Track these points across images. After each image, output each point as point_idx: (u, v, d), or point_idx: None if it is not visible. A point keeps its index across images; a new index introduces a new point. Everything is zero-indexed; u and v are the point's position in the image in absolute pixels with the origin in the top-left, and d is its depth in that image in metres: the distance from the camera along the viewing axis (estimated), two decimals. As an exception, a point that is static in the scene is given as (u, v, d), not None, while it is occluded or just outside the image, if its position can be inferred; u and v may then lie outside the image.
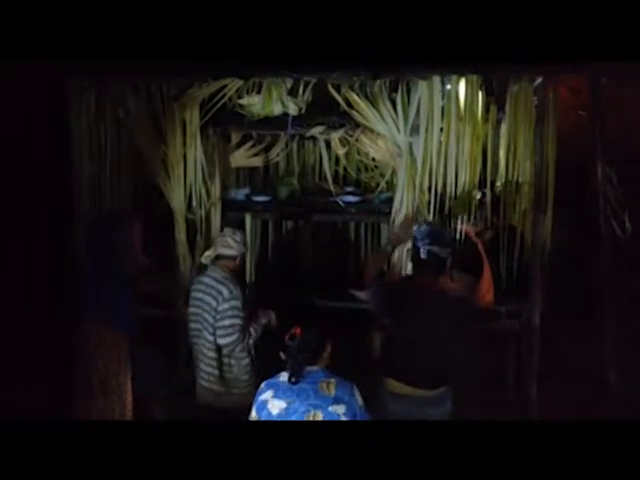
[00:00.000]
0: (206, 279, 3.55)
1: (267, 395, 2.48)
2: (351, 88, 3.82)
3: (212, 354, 3.50)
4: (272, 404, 2.43)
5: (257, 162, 4.85)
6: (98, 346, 3.70)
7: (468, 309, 3.31)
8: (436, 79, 3.71)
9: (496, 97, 3.97)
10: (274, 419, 2.42)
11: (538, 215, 3.83)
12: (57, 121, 4.06)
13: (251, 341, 3.51)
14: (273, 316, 3.62)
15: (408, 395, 3.07)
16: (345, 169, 5.16)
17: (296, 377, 2.46)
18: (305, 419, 2.38)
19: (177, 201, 4.10)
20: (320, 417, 2.38)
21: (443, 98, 3.83)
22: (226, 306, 3.40)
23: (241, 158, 4.69)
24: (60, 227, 4.16)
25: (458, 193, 3.96)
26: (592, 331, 3.43)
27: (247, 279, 5.14)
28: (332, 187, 4.77)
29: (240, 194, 4.91)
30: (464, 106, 3.91)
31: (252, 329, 3.53)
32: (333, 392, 2.43)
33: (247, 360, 3.52)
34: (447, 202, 3.96)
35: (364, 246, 5.47)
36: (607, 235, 3.13)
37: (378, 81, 3.76)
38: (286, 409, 2.40)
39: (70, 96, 4.00)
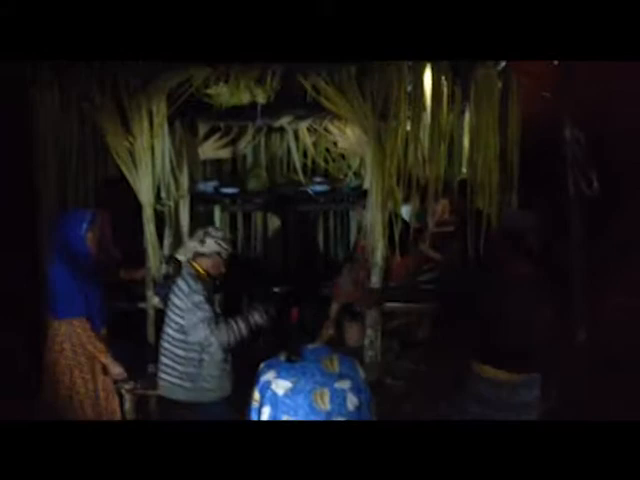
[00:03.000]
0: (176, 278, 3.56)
1: (269, 375, 2.46)
2: (319, 75, 3.83)
3: (180, 352, 3.46)
4: (276, 384, 2.42)
5: (225, 154, 4.84)
6: (66, 341, 3.67)
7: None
8: (404, 65, 3.76)
9: (461, 84, 4.04)
10: (280, 399, 2.41)
11: (505, 197, 3.93)
12: (19, 118, 4.00)
13: (232, 337, 3.35)
14: (257, 315, 3.40)
15: (503, 380, 3.02)
16: (313, 161, 5.18)
17: (296, 356, 2.46)
18: (312, 397, 2.38)
19: (145, 193, 4.05)
20: (327, 394, 2.39)
21: (410, 84, 3.88)
22: (189, 304, 3.35)
23: (209, 150, 4.68)
24: (25, 224, 4.10)
25: (426, 179, 4.03)
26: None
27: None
28: (301, 177, 4.78)
29: (209, 186, 4.90)
30: (431, 93, 3.97)
31: (235, 324, 3.37)
32: (337, 368, 2.44)
33: (222, 356, 3.45)
34: (415, 188, 4.02)
35: (333, 235, 5.50)
36: (576, 196, 3.20)
37: (345, 68, 3.78)
38: (292, 389, 2.40)
39: (33, 92, 3.94)
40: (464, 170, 4.34)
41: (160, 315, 4.19)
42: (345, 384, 2.41)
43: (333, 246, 5.54)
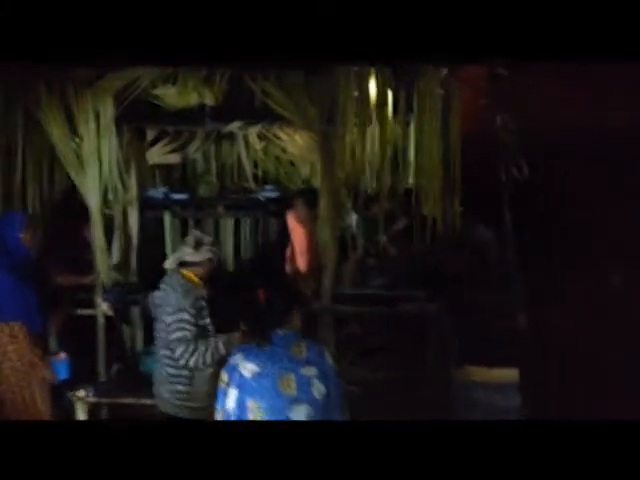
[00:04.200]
0: (162, 286, 3.28)
1: (238, 358, 2.45)
2: (266, 79, 3.89)
3: (171, 370, 3.23)
4: (244, 366, 2.41)
5: (174, 159, 4.85)
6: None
7: None
8: (349, 70, 3.86)
9: (405, 92, 4.17)
10: (247, 381, 2.39)
11: (448, 201, 4.06)
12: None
13: (208, 358, 3.14)
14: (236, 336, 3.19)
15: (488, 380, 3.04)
16: (263, 171, 5.24)
17: (265, 341, 2.44)
18: (278, 382, 2.38)
19: (93, 196, 4.01)
20: (293, 380, 2.38)
21: (356, 89, 3.98)
22: (175, 318, 3.13)
23: (157, 155, 4.68)
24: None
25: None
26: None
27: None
28: (252, 183, 4.82)
29: (158, 192, 4.88)
30: (375, 101, 4.09)
31: (215, 344, 3.16)
32: (304, 354, 2.43)
33: (210, 370, 3.20)
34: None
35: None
36: (508, 182, 3.32)
37: (293, 71, 3.86)
38: (259, 372, 2.39)
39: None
40: (410, 180, 4.46)
41: (109, 321, 4.17)
42: (311, 371, 2.41)
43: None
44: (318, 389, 2.41)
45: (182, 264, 3.29)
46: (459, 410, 3.55)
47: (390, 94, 4.09)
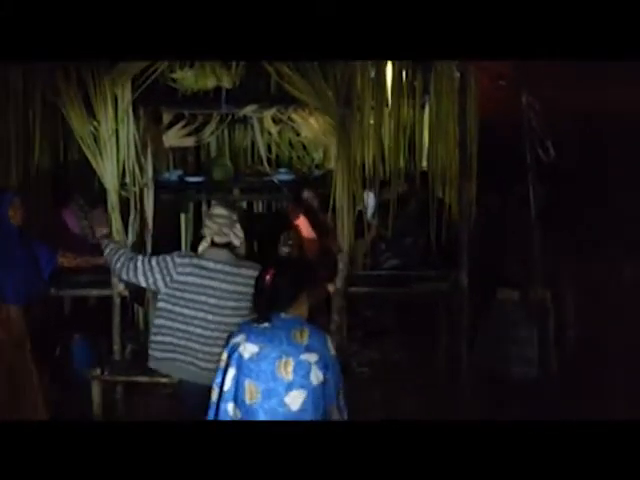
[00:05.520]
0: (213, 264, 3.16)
1: (240, 338, 2.48)
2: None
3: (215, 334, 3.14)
4: (244, 347, 2.44)
5: (189, 142, 4.87)
6: None
7: None
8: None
9: (422, 76, 4.16)
10: (245, 362, 2.42)
11: (463, 184, 4.06)
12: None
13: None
14: None
15: None
16: (277, 156, 5.24)
17: (264, 319, 2.47)
18: (276, 365, 2.40)
19: (110, 179, 4.04)
20: (291, 364, 2.40)
21: (373, 74, 3.98)
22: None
23: (173, 138, 4.70)
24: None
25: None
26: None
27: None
28: (266, 166, 4.83)
29: (173, 175, 4.92)
30: (391, 85, 4.08)
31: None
32: (306, 341, 2.44)
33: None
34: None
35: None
36: (533, 163, 3.33)
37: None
38: (258, 354, 2.42)
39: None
40: (424, 163, 4.47)
41: (124, 302, 4.22)
42: (311, 357, 2.41)
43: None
44: (316, 376, 2.41)
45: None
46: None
47: (405, 79, 4.08)
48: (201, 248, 3.23)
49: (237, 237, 3.19)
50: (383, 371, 4.30)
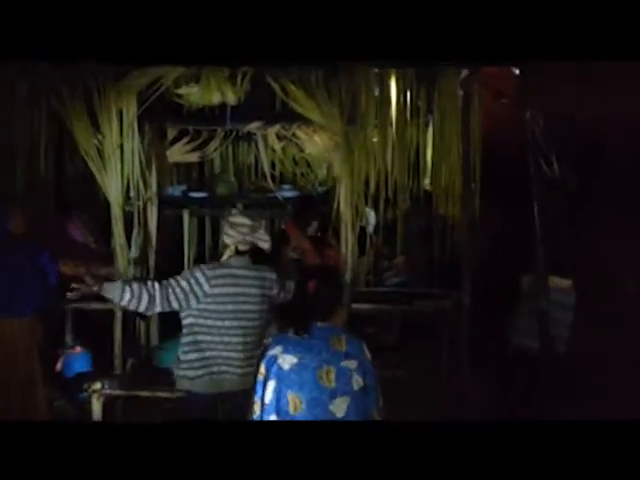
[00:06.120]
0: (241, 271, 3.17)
1: (276, 350, 2.48)
2: (289, 78, 3.92)
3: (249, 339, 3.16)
4: (282, 359, 2.44)
5: (193, 158, 4.88)
6: None
7: None
8: (371, 70, 3.88)
9: (426, 94, 4.19)
10: (285, 374, 2.43)
11: (467, 202, 4.07)
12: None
13: None
14: None
15: None
16: (281, 173, 5.26)
17: (304, 331, 2.47)
18: (318, 374, 2.41)
19: (114, 193, 4.06)
20: (333, 372, 2.41)
21: (377, 91, 4.00)
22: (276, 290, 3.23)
23: (177, 153, 4.71)
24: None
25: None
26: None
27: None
28: (270, 182, 4.85)
29: (177, 190, 4.94)
30: (396, 102, 4.11)
31: None
32: (344, 348, 2.46)
33: None
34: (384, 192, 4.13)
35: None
36: (536, 177, 3.31)
37: (314, 71, 3.88)
38: (298, 364, 2.42)
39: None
40: (427, 181, 4.48)
41: (126, 315, 4.21)
42: (351, 364, 2.44)
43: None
44: (357, 381, 2.44)
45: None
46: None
47: (411, 95, 4.11)
48: (225, 257, 3.20)
49: (264, 241, 3.19)
50: (386, 388, 4.26)
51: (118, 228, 4.07)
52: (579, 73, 3.20)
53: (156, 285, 3.07)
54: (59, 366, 4.26)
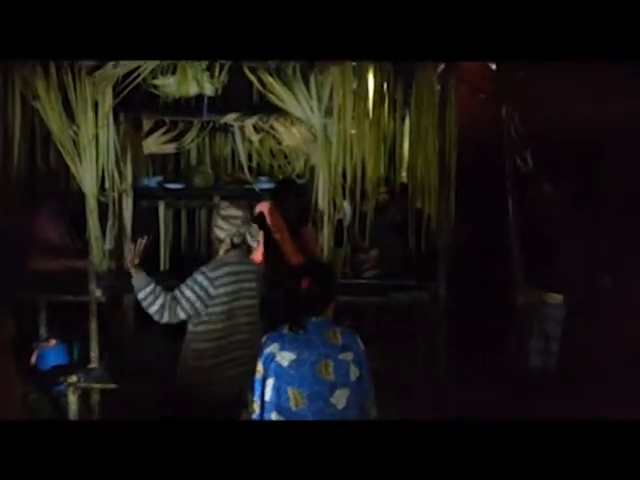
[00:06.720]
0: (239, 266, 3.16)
1: (273, 348, 2.48)
2: (267, 71, 3.91)
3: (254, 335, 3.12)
4: (280, 356, 2.46)
5: (169, 149, 4.86)
6: None
7: None
8: (348, 64, 3.88)
9: (402, 87, 4.20)
10: (284, 370, 2.44)
11: (443, 195, 4.11)
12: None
13: None
14: None
15: None
16: (258, 164, 5.25)
17: (300, 327, 2.49)
18: (317, 368, 2.43)
19: (88, 184, 4.00)
20: (332, 365, 2.45)
21: (355, 82, 4.01)
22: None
23: (154, 144, 4.69)
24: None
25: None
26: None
27: (161, 267, 5.09)
28: (247, 174, 4.84)
29: (153, 182, 4.89)
30: (373, 95, 4.12)
31: None
32: (340, 340, 2.50)
33: None
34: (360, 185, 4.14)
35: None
36: (511, 172, 3.36)
37: (291, 64, 3.88)
38: (296, 360, 2.44)
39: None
40: (403, 174, 4.51)
41: (101, 308, 4.17)
42: (348, 356, 2.48)
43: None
44: (354, 372, 2.49)
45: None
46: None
47: (387, 90, 4.12)
48: (222, 252, 3.15)
49: (253, 237, 3.17)
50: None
51: (93, 220, 4.02)
52: (557, 70, 3.24)
53: (168, 296, 3.01)
54: (33, 359, 4.21)
